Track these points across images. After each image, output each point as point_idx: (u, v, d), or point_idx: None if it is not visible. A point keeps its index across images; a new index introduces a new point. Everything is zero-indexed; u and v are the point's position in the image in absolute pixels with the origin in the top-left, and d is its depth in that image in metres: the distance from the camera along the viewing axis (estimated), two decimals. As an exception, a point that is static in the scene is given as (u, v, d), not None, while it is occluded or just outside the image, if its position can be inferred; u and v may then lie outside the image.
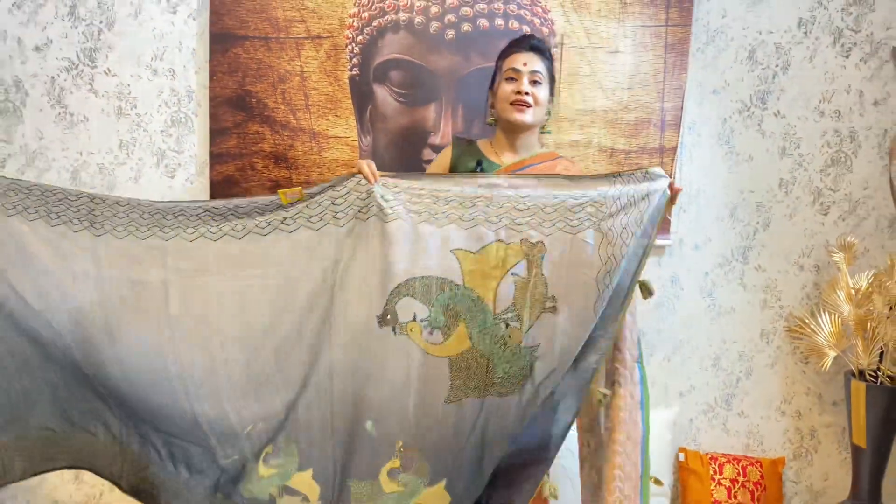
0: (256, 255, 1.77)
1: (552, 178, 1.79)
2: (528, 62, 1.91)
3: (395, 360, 1.74)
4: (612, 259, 1.69)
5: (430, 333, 1.74)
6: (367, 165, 1.77)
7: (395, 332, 1.74)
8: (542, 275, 1.71)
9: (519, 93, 1.89)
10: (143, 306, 1.75)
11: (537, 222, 1.71)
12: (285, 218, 1.77)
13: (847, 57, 2.42)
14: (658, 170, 1.73)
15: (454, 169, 2.01)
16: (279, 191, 1.76)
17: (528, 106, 1.90)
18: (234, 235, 1.77)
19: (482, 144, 2.04)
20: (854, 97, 2.44)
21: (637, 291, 1.77)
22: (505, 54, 1.97)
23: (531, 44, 1.94)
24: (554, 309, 1.71)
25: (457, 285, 1.73)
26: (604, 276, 1.68)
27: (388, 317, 1.73)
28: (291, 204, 1.76)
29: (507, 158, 1.98)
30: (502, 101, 1.93)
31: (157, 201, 1.81)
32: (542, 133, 2.03)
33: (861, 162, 2.46)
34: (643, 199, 1.71)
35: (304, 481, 1.82)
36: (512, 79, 1.92)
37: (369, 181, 1.75)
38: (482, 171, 1.94)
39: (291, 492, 1.82)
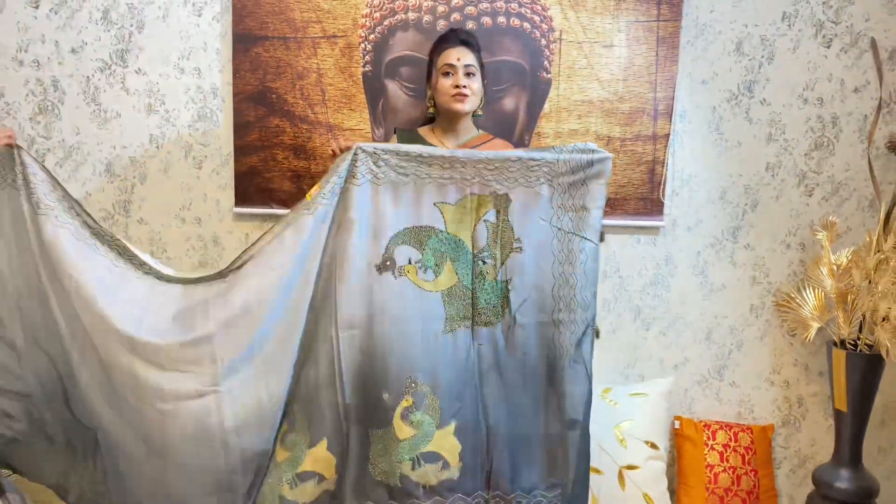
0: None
1: (513, 152, 2.07)
2: (460, 56, 2.16)
3: (398, 299, 1.98)
4: (561, 207, 2.00)
5: (424, 273, 2.00)
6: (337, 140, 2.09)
7: (394, 276, 1.99)
8: (509, 221, 2.00)
9: (457, 86, 2.14)
10: None
11: (503, 179, 2.01)
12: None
13: (828, 47, 2.57)
14: (593, 145, 2.04)
15: None
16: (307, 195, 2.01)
17: (467, 96, 2.15)
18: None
19: (423, 132, 2.29)
20: (835, 85, 2.58)
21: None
22: (438, 50, 2.21)
23: (460, 38, 2.18)
24: (520, 249, 2.01)
25: (441, 231, 2.01)
26: (556, 220, 2.00)
27: (388, 263, 1.98)
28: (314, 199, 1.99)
29: (449, 142, 2.23)
30: (443, 95, 2.18)
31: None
32: (474, 117, 2.27)
33: (843, 146, 2.61)
34: (588, 165, 2.01)
35: (320, 456, 2.01)
36: (448, 73, 2.16)
37: (347, 148, 2.01)
38: None
39: (304, 477, 2.01)
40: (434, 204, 2.01)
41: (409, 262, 2.00)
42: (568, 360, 2.00)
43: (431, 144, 2.22)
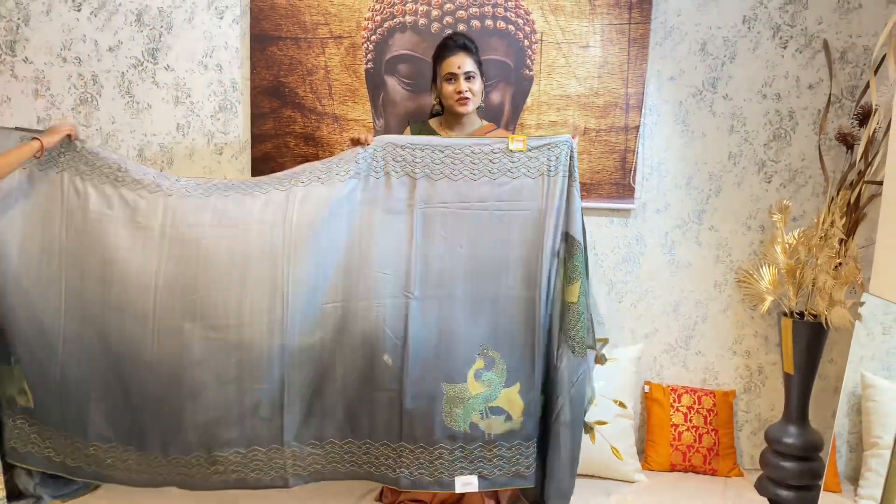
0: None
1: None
2: (461, 64, 2.42)
3: None
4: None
5: None
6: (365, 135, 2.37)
7: None
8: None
9: (460, 92, 2.42)
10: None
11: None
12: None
13: (785, 48, 2.83)
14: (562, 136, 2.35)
15: None
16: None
17: (469, 99, 2.44)
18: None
19: (433, 122, 2.57)
20: (791, 82, 2.85)
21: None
22: (441, 56, 2.47)
23: (459, 44, 2.45)
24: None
25: None
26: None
27: None
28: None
29: (455, 133, 2.52)
30: (448, 99, 2.46)
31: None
32: (477, 109, 2.54)
33: (799, 137, 2.87)
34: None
35: (509, 397, 2.38)
36: (451, 80, 2.43)
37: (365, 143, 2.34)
38: None
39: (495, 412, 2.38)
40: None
41: None
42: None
43: (439, 134, 2.53)
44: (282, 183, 2.33)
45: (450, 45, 2.48)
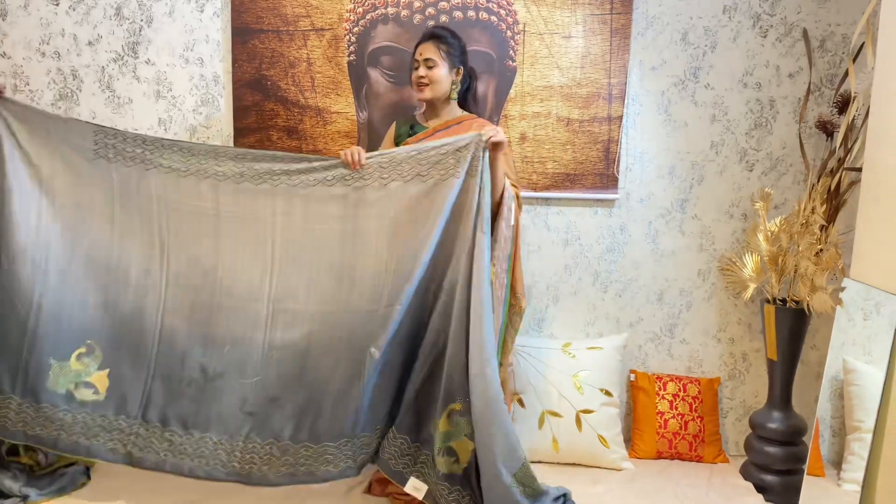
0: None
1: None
2: (423, 51, 2.46)
3: None
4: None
5: None
6: (353, 154, 2.35)
7: None
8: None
9: (420, 78, 2.46)
10: None
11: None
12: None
13: (765, 37, 2.86)
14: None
15: (398, 135, 2.59)
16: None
17: (426, 85, 2.45)
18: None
19: (417, 116, 2.60)
20: (772, 71, 2.87)
21: None
22: (414, 47, 2.50)
23: (431, 32, 2.48)
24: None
25: None
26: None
27: None
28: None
29: (433, 122, 2.53)
30: (412, 85, 2.50)
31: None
32: (451, 99, 2.53)
33: (779, 125, 2.90)
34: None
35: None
36: (416, 67, 2.47)
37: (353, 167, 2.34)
38: (413, 133, 2.53)
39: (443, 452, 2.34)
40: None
41: None
42: None
43: (419, 123, 2.56)
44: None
45: (424, 34, 2.52)
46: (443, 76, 2.48)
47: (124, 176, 2.37)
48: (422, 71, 2.46)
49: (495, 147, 2.29)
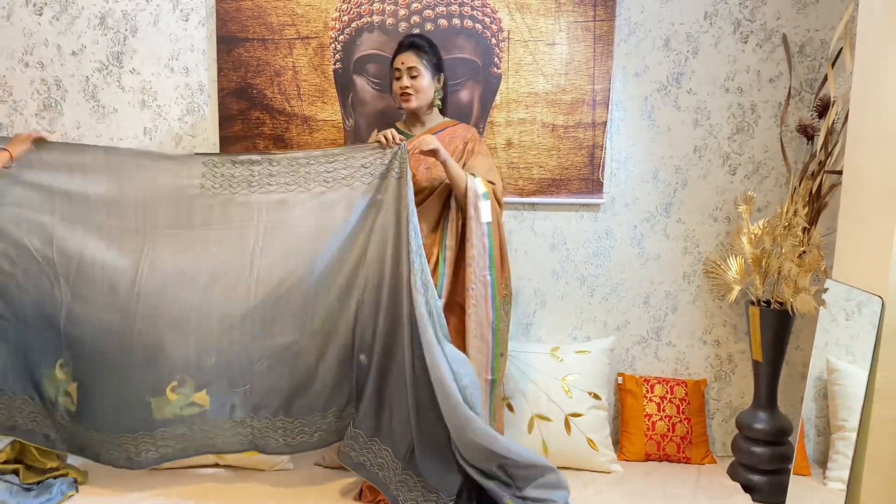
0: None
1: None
2: (405, 61, 2.46)
3: None
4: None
5: None
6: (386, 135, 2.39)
7: None
8: None
9: (403, 88, 2.46)
10: None
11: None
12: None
13: (746, 42, 2.89)
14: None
15: None
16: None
17: (411, 95, 2.46)
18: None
19: (399, 124, 2.61)
20: (753, 76, 2.91)
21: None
22: (393, 56, 2.51)
23: (409, 42, 2.49)
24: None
25: None
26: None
27: None
28: None
29: (417, 130, 2.55)
30: (394, 95, 2.51)
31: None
32: (433, 107, 2.57)
33: (761, 129, 2.93)
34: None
35: None
36: (397, 77, 2.47)
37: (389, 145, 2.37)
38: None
39: None
40: None
41: None
42: None
43: (408, 134, 2.55)
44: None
45: (403, 43, 2.52)
46: (426, 85, 2.50)
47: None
48: (406, 81, 2.47)
49: (433, 154, 2.36)
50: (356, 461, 2.40)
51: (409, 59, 2.48)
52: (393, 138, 2.35)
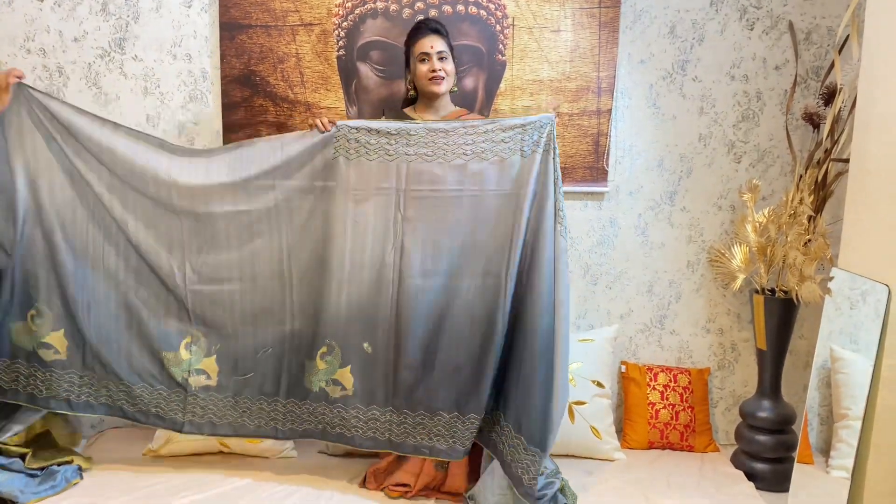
0: None
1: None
2: (433, 44, 2.44)
3: None
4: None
5: None
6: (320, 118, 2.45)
7: None
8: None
9: (434, 71, 2.44)
10: None
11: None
12: None
13: (752, 29, 2.88)
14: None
15: None
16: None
17: (443, 79, 2.45)
18: None
19: (408, 111, 2.59)
20: (759, 63, 2.89)
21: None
22: (413, 40, 2.49)
23: (430, 27, 2.47)
24: None
25: None
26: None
27: None
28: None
29: (429, 116, 2.53)
30: (421, 79, 2.47)
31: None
32: (451, 93, 2.56)
33: (766, 117, 2.92)
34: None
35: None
36: (424, 60, 2.45)
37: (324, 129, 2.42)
38: None
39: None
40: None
41: None
42: None
43: (415, 120, 2.52)
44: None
45: (422, 28, 2.50)
46: (453, 69, 2.51)
47: None
48: (437, 64, 2.45)
49: None
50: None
51: (437, 42, 2.46)
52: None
